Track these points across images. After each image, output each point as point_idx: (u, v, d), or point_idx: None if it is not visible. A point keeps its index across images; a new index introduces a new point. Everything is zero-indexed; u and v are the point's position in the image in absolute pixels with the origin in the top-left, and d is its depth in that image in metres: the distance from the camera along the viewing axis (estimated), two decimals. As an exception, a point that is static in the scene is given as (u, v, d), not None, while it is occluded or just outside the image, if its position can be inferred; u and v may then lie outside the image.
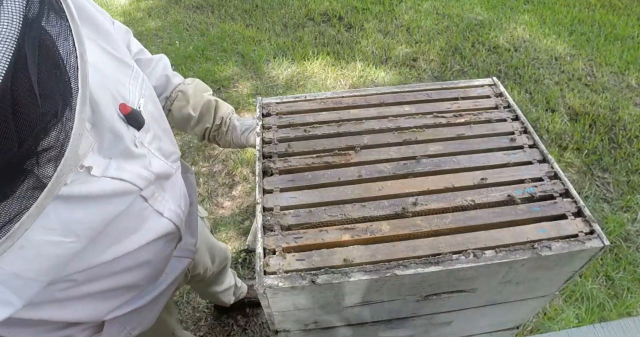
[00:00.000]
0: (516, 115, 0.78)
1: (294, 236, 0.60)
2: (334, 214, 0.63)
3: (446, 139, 0.74)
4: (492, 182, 0.67)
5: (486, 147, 0.73)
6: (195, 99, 0.87)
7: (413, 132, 0.75)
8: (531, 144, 0.73)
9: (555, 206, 0.64)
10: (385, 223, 0.61)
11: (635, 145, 2.18)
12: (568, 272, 0.65)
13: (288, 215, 0.63)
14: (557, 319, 1.54)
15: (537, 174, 0.68)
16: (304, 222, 0.62)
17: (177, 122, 0.90)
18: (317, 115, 0.79)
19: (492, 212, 0.63)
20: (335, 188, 0.66)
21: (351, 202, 0.64)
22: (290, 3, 3.24)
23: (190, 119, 0.88)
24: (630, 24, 3.01)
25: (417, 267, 0.56)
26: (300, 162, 0.70)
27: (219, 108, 0.91)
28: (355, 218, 0.62)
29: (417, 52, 2.78)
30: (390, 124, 0.76)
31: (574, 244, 0.58)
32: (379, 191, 0.66)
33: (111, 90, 0.57)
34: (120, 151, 0.57)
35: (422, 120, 0.77)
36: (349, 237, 0.60)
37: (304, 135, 0.75)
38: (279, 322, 0.65)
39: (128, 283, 0.68)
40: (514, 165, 0.70)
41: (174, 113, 0.87)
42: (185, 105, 0.86)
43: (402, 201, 0.64)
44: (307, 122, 0.77)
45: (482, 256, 0.57)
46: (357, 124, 0.76)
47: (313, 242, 0.59)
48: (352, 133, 0.75)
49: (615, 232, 1.81)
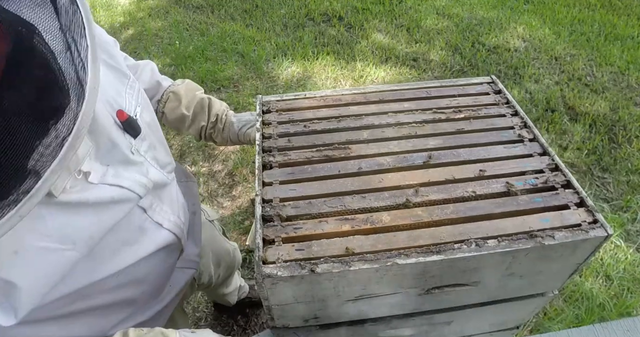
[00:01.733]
0: (515, 111, 0.78)
1: (293, 227, 0.60)
2: (333, 205, 0.63)
3: (446, 134, 0.74)
4: (493, 174, 0.67)
5: (486, 140, 0.73)
6: (188, 98, 0.87)
7: (412, 127, 0.75)
8: (531, 137, 0.73)
9: (557, 196, 0.63)
10: (386, 214, 0.61)
11: (635, 145, 2.18)
12: (572, 264, 0.64)
13: (287, 206, 0.63)
14: (557, 319, 1.54)
15: (538, 166, 0.68)
16: (304, 213, 0.62)
17: (171, 124, 0.89)
18: (317, 111, 0.79)
19: (493, 202, 0.63)
20: (335, 180, 0.66)
21: (351, 193, 0.64)
22: (290, 3, 3.24)
23: (184, 118, 0.87)
24: (630, 24, 3.01)
25: (419, 256, 0.56)
26: (300, 156, 0.71)
27: (213, 105, 0.90)
28: (355, 209, 0.62)
29: (417, 52, 2.78)
30: (389, 119, 0.77)
31: (578, 233, 0.58)
32: (379, 182, 0.66)
33: (108, 98, 0.58)
34: (118, 158, 0.57)
35: (421, 116, 0.78)
36: (349, 228, 0.60)
37: (304, 130, 0.76)
38: (278, 317, 0.65)
39: (130, 297, 0.66)
40: (514, 158, 0.70)
41: (168, 115, 0.87)
42: (177, 105, 0.86)
43: (402, 192, 0.64)
44: (306, 118, 0.78)
45: (485, 245, 0.56)
46: (356, 120, 0.77)
47: (313, 233, 0.59)
48: (351, 128, 0.76)
49: (615, 232, 1.81)
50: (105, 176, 0.54)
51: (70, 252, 0.51)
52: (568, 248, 0.59)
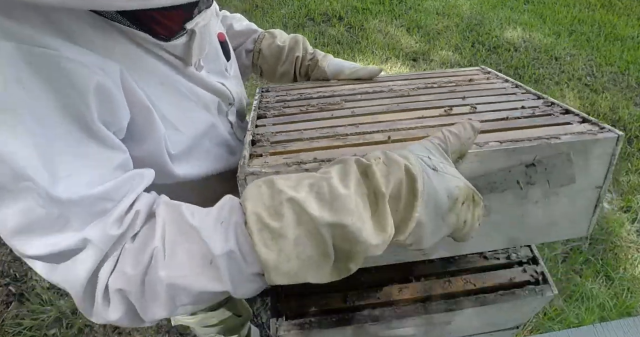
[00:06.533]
0: (506, 79, 0.81)
1: (283, 145, 0.59)
2: (326, 132, 0.62)
3: (438, 93, 0.76)
4: (487, 109, 0.66)
5: (478, 94, 0.74)
6: (283, 36, 0.90)
7: (406, 90, 0.78)
8: (523, 92, 0.74)
9: (557, 118, 0.61)
10: (380, 134, 0.60)
11: (635, 145, 2.18)
12: (591, 186, 0.59)
13: (279, 134, 0.62)
14: (557, 319, 1.54)
15: (534, 104, 0.67)
16: (295, 138, 0.61)
17: (268, 60, 0.90)
18: (314, 89, 0.83)
19: (491, 124, 0.60)
20: (328, 121, 0.67)
21: (344, 126, 0.64)
22: (290, 3, 3.24)
23: (281, 51, 0.89)
24: (630, 24, 3.01)
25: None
26: (295, 110, 0.72)
27: (306, 42, 0.92)
28: (347, 133, 0.61)
29: (417, 52, 2.78)
30: (384, 88, 0.80)
31: (585, 135, 0.55)
32: (373, 118, 0.66)
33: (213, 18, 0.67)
34: (217, 70, 0.65)
35: (414, 84, 0.81)
36: (341, 143, 0.58)
37: (299, 97, 0.78)
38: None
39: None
40: (509, 102, 0.69)
41: (264, 51, 0.89)
42: (273, 41, 0.89)
43: (397, 124, 0.63)
44: (303, 91, 0.81)
45: (485, 145, 0.54)
46: (351, 92, 0.80)
47: (302, 148, 0.58)
48: (346, 94, 0.78)
49: (615, 232, 1.81)
50: (210, 75, 0.62)
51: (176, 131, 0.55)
52: (579, 154, 0.55)
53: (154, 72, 0.51)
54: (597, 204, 0.61)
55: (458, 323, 0.76)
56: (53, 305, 1.55)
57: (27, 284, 1.63)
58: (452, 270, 0.73)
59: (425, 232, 0.42)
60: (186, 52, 0.54)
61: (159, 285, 0.40)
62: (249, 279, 0.41)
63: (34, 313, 1.53)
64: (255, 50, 0.89)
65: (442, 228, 0.44)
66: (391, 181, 0.40)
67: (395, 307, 0.70)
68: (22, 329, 1.49)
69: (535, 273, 0.71)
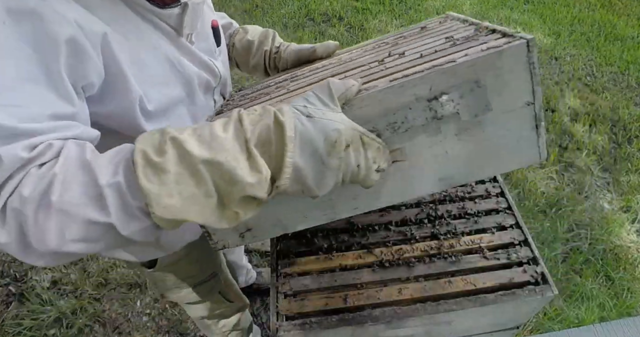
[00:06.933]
0: (465, 20, 0.74)
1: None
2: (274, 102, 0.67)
3: (381, 51, 0.72)
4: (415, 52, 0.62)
5: (421, 42, 0.67)
6: (255, 31, 0.96)
7: (354, 57, 0.76)
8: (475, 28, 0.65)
9: (477, 41, 0.55)
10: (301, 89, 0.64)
11: (635, 145, 2.18)
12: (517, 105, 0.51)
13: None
14: (557, 319, 1.54)
15: (465, 34, 0.61)
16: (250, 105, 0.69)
17: (240, 54, 0.95)
18: (274, 78, 0.86)
19: (405, 65, 0.56)
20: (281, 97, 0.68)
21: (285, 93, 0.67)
22: (290, 3, 3.24)
23: (251, 45, 0.93)
24: (630, 24, 3.01)
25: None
26: (255, 95, 0.76)
27: (276, 37, 0.96)
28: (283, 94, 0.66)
29: (417, 52, 2.79)
30: (334, 61, 0.81)
31: (488, 52, 0.48)
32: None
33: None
34: (207, 50, 0.72)
35: (363, 50, 0.81)
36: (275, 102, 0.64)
37: (260, 87, 0.83)
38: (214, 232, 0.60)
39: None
40: (440, 40, 0.64)
41: (237, 45, 0.94)
42: (244, 35, 0.94)
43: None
44: (266, 83, 0.85)
45: (374, 87, 0.51)
46: (303, 72, 0.81)
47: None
48: (298, 75, 0.79)
49: (615, 232, 1.81)
50: (200, 50, 0.69)
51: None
52: (489, 74, 0.49)
53: (149, 37, 0.59)
54: (536, 123, 0.54)
55: (458, 323, 0.76)
56: (53, 305, 1.55)
57: (27, 284, 1.63)
58: (453, 270, 0.74)
59: (306, 177, 0.44)
60: (179, 23, 0.62)
61: (50, 210, 0.41)
62: (135, 215, 0.43)
63: (34, 313, 1.53)
64: (230, 44, 0.94)
65: (326, 173, 0.45)
66: (257, 127, 0.44)
67: (396, 308, 0.70)
68: (22, 329, 1.49)
69: (535, 273, 0.71)
